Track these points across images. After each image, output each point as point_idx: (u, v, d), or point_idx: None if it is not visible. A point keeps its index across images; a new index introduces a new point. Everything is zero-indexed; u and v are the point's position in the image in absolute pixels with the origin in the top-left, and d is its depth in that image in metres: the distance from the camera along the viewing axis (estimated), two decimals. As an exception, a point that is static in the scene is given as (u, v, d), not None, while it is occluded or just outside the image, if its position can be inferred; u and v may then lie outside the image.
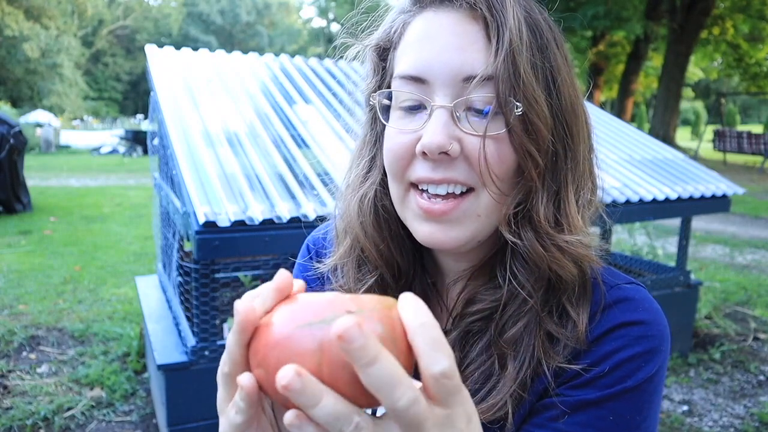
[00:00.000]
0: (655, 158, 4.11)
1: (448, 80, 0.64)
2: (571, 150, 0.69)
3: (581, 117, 0.70)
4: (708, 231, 8.87)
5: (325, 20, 52.38)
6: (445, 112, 0.64)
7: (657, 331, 0.68)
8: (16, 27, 33.02)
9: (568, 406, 0.66)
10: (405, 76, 0.67)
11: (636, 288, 0.72)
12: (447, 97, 0.65)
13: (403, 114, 0.69)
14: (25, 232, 8.02)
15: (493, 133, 0.64)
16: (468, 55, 0.64)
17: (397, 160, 0.68)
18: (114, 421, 3.25)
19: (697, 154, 18.81)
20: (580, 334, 0.67)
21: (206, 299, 2.50)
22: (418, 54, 0.66)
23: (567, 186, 0.69)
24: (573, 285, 0.69)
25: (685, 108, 44.28)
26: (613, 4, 17.55)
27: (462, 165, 0.65)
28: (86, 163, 18.30)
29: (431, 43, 0.66)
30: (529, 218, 0.67)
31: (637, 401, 0.66)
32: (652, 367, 0.66)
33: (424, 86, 0.66)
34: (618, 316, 0.68)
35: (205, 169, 2.61)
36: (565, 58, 0.69)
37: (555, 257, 0.66)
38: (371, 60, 0.75)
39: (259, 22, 52.80)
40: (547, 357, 0.67)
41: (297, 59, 4.17)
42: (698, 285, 4.17)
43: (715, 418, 3.46)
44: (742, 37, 22.40)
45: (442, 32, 0.65)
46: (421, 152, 0.65)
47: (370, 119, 0.78)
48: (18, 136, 9.01)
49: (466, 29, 0.65)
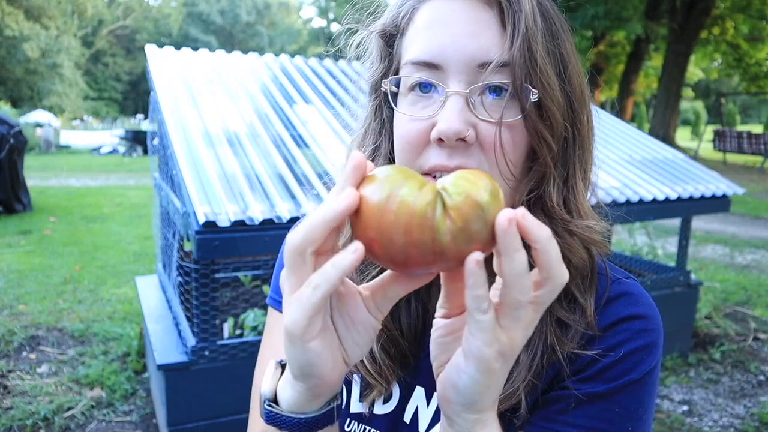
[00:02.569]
0: (655, 158, 4.11)
1: (462, 66, 0.64)
2: (580, 136, 0.69)
3: (588, 105, 0.71)
4: (708, 231, 8.87)
5: (325, 20, 52.41)
6: (461, 98, 0.63)
7: (655, 325, 0.70)
8: (16, 27, 33.01)
9: (576, 399, 0.67)
10: (418, 61, 0.66)
11: (633, 283, 0.74)
12: (462, 83, 0.64)
13: (413, 99, 0.68)
14: (25, 232, 8.02)
15: (508, 119, 0.64)
16: (483, 41, 0.63)
17: (411, 148, 0.67)
18: (114, 421, 3.25)
19: (697, 154, 18.82)
20: (590, 319, 0.68)
21: (206, 299, 2.50)
22: (431, 39, 0.65)
23: (576, 172, 0.69)
24: (582, 272, 0.69)
25: (685, 108, 44.25)
26: (613, 4, 17.54)
27: (476, 151, 0.64)
28: (86, 163, 18.30)
29: (445, 29, 0.65)
30: (542, 204, 0.68)
31: (640, 393, 0.67)
32: (652, 360, 0.68)
33: (438, 72, 0.65)
34: (621, 310, 0.70)
35: (205, 169, 2.61)
36: (572, 46, 0.69)
37: (567, 243, 0.67)
38: (377, 46, 0.74)
39: (259, 22, 52.79)
40: (560, 344, 0.67)
41: (297, 59, 4.17)
42: (698, 285, 4.16)
43: (715, 418, 3.46)
44: (742, 37, 22.39)
45: (455, 17, 0.65)
46: (437, 139, 0.64)
47: (375, 107, 0.77)
48: (18, 136, 9.01)
49: (480, 15, 0.64)
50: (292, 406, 0.57)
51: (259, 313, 3.13)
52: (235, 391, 2.58)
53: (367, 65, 0.77)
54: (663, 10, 19.73)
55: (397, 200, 0.47)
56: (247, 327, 3.06)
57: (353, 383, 0.80)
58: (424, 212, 0.46)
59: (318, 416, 0.57)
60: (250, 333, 3.02)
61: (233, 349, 2.59)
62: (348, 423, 0.80)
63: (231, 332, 3.11)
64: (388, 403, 0.77)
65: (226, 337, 3.07)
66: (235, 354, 2.59)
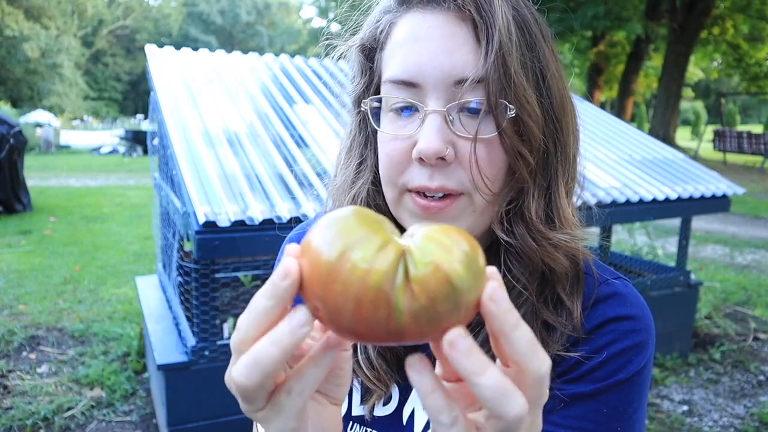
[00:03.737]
0: (655, 158, 4.11)
1: (439, 84, 0.64)
2: (561, 144, 0.69)
3: (569, 110, 0.70)
4: (708, 231, 8.87)
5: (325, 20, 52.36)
6: (439, 117, 0.64)
7: (645, 324, 0.70)
8: (16, 27, 33.02)
9: (563, 399, 0.67)
10: (395, 80, 0.66)
11: (624, 283, 0.73)
12: (440, 101, 0.64)
13: (394, 117, 0.68)
14: (25, 232, 8.02)
15: (484, 136, 0.64)
16: (458, 57, 0.63)
17: (393, 166, 0.68)
18: (114, 421, 3.25)
19: (697, 154, 18.82)
20: (576, 321, 0.68)
21: (206, 299, 2.50)
22: (407, 58, 0.66)
23: (557, 180, 0.69)
24: (567, 276, 0.70)
25: (685, 108, 44.27)
26: (613, 4, 17.55)
27: (457, 169, 0.65)
28: (86, 163, 18.30)
29: (421, 46, 0.65)
30: (521, 215, 0.68)
31: (629, 393, 0.67)
32: (641, 360, 0.68)
33: (416, 90, 0.65)
34: (608, 311, 0.69)
35: (205, 169, 2.61)
36: (552, 52, 0.69)
37: (547, 252, 0.67)
38: (358, 61, 0.74)
39: (259, 22, 52.79)
40: (545, 346, 0.67)
41: (297, 59, 4.17)
42: (698, 285, 4.17)
43: (715, 418, 3.46)
44: (742, 37, 22.39)
45: (431, 34, 0.64)
46: (417, 158, 0.64)
47: (358, 121, 0.77)
48: (18, 136, 9.01)
49: (455, 31, 0.64)
50: None
51: (259, 313, 3.13)
52: (235, 391, 2.58)
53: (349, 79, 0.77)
54: (663, 10, 19.73)
55: (348, 264, 0.38)
56: (247, 327, 3.06)
57: (354, 388, 0.81)
58: (379, 284, 0.37)
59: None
60: (250, 333, 3.02)
61: (233, 349, 2.59)
62: (350, 426, 0.80)
63: (231, 332, 3.11)
64: (388, 405, 0.78)
65: (226, 337, 3.07)
66: (235, 354, 2.58)
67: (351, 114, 0.79)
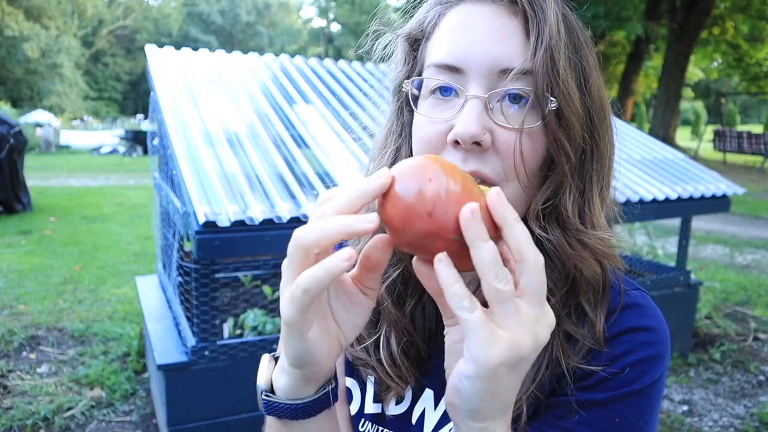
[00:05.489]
0: (655, 158, 4.11)
1: (484, 71, 0.64)
2: (598, 151, 0.70)
3: (608, 120, 0.71)
4: (708, 231, 8.87)
5: (325, 20, 52.42)
6: (479, 103, 0.64)
7: (661, 337, 0.69)
8: (16, 27, 33.02)
9: (575, 406, 0.66)
10: (440, 64, 0.67)
11: (642, 294, 0.73)
12: (482, 87, 0.64)
13: (433, 102, 0.68)
14: (25, 232, 8.02)
15: (528, 126, 0.64)
16: (506, 47, 0.64)
17: (428, 149, 0.68)
18: (114, 421, 3.25)
19: (697, 154, 18.81)
20: (598, 333, 0.68)
21: (206, 299, 2.50)
22: (454, 43, 0.66)
23: (592, 187, 0.70)
24: (594, 285, 0.69)
25: (685, 108, 44.24)
26: (613, 4, 17.55)
27: (492, 157, 0.65)
28: (86, 163, 18.30)
29: (469, 34, 0.66)
30: (557, 215, 0.68)
31: (641, 405, 0.67)
32: (656, 372, 0.67)
33: (459, 75, 0.66)
34: (626, 321, 0.69)
35: (205, 169, 2.61)
36: (595, 61, 0.70)
37: (581, 255, 0.67)
38: (402, 49, 0.75)
39: (259, 22, 52.77)
40: (565, 357, 0.67)
41: (297, 59, 4.17)
42: (698, 285, 4.17)
43: (715, 418, 3.46)
44: (742, 37, 22.39)
45: (480, 23, 0.65)
46: (453, 141, 0.64)
47: (396, 109, 0.78)
48: (18, 136, 9.01)
49: (505, 22, 0.65)
50: (288, 393, 0.59)
51: (259, 313, 3.13)
52: (235, 391, 2.58)
53: (392, 68, 0.78)
54: (663, 10, 19.73)
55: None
56: (247, 327, 3.06)
57: (368, 384, 0.81)
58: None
59: (314, 400, 0.60)
60: (250, 333, 3.02)
61: (233, 349, 2.59)
62: (362, 423, 0.81)
63: (231, 332, 3.11)
64: (401, 404, 0.78)
65: (226, 337, 3.07)
66: (235, 354, 2.59)
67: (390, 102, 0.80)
